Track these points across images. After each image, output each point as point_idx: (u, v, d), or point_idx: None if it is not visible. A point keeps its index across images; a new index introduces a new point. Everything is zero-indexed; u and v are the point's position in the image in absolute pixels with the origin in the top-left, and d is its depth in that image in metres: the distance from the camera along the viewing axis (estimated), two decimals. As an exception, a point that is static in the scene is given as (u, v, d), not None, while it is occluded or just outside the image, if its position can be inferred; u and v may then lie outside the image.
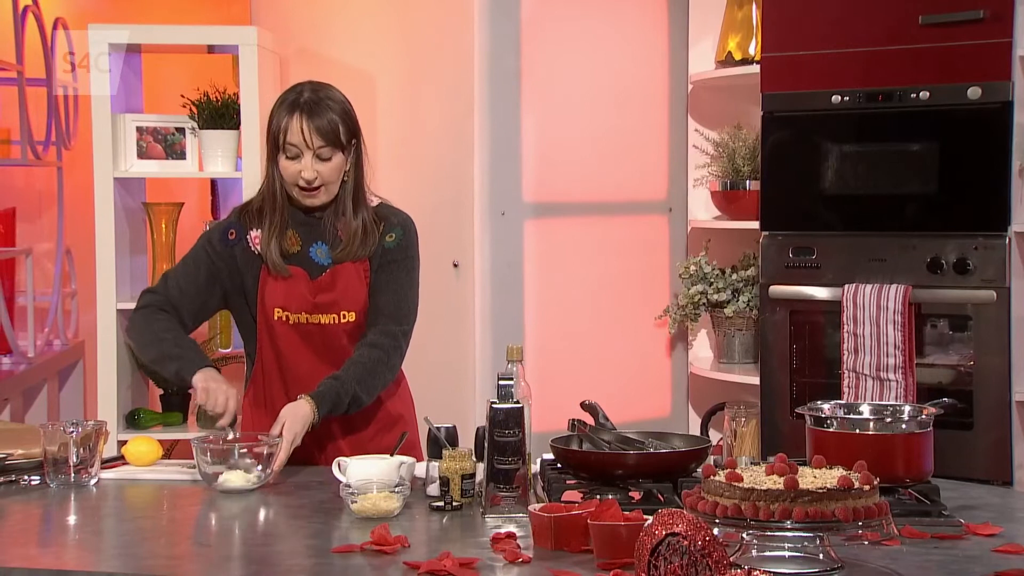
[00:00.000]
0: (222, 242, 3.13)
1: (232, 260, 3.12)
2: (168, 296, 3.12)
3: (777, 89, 4.33)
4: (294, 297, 3.09)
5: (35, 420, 4.98)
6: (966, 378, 4.06)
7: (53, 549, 2.51)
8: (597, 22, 4.70)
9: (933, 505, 2.53)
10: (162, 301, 3.12)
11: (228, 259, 3.12)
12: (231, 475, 2.78)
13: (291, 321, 3.10)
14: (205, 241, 3.16)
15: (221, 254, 3.12)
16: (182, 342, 3.08)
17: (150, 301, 3.13)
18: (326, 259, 3.11)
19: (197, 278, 3.13)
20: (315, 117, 3.02)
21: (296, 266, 3.09)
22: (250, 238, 3.11)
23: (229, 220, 3.18)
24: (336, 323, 3.11)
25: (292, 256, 3.10)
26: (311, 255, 3.11)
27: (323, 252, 3.11)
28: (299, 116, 3.02)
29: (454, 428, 2.88)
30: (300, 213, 3.13)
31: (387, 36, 4.64)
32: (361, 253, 3.11)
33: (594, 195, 4.73)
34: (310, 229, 3.12)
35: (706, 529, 1.95)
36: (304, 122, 3.01)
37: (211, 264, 3.12)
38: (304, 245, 3.11)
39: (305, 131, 3.01)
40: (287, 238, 3.10)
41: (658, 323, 4.85)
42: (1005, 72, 3.93)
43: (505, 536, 2.37)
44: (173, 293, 3.12)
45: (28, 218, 5.53)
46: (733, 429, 4.02)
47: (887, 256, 4.12)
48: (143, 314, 3.13)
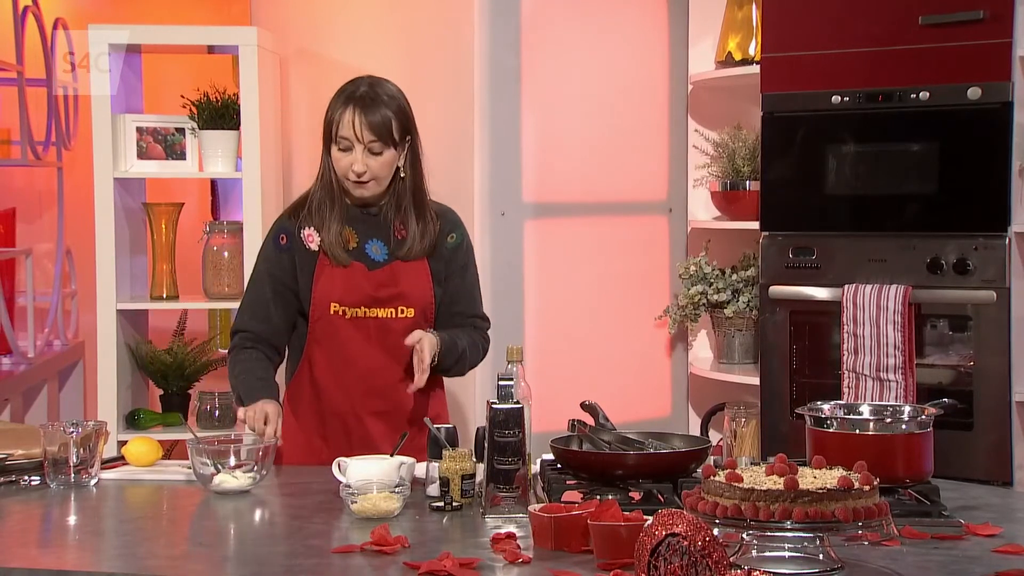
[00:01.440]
0: (276, 250, 3.16)
1: (291, 264, 3.14)
2: (247, 328, 3.15)
3: (777, 89, 4.33)
4: (352, 290, 3.11)
5: (35, 420, 4.98)
6: (966, 378, 4.06)
7: (53, 549, 2.51)
8: (597, 22, 4.70)
9: (933, 505, 2.54)
10: (244, 337, 3.15)
11: (287, 264, 3.14)
12: (226, 476, 2.78)
13: (348, 315, 3.12)
14: (262, 257, 3.19)
15: (278, 262, 3.15)
16: (247, 379, 3.10)
17: (235, 343, 3.17)
18: (382, 255, 3.14)
19: (264, 297, 3.15)
20: (368, 112, 3.07)
21: (354, 260, 3.13)
22: (304, 236, 3.14)
23: (279, 225, 3.19)
24: (393, 317, 3.14)
25: (349, 252, 3.13)
26: (367, 251, 3.15)
27: (379, 249, 3.15)
28: (352, 109, 3.07)
29: (454, 428, 2.88)
30: (356, 210, 3.17)
31: (387, 36, 4.64)
32: (420, 252, 3.16)
33: (594, 195, 4.73)
34: (366, 226, 3.16)
35: (706, 529, 1.95)
36: (357, 116, 3.06)
37: (272, 278, 3.15)
38: (360, 241, 3.14)
39: (357, 125, 3.05)
40: (345, 234, 3.14)
41: (658, 323, 4.85)
42: (1005, 72, 3.93)
43: (505, 536, 2.37)
44: (251, 324, 3.16)
45: (28, 218, 5.53)
46: (733, 429, 4.03)
47: (887, 256, 4.12)
48: (231, 360, 3.17)
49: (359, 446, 3.09)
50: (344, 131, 3.06)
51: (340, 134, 3.07)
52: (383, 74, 4.70)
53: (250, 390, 3.08)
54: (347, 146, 3.07)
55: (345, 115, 3.07)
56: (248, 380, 3.10)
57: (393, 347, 3.11)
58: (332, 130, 3.08)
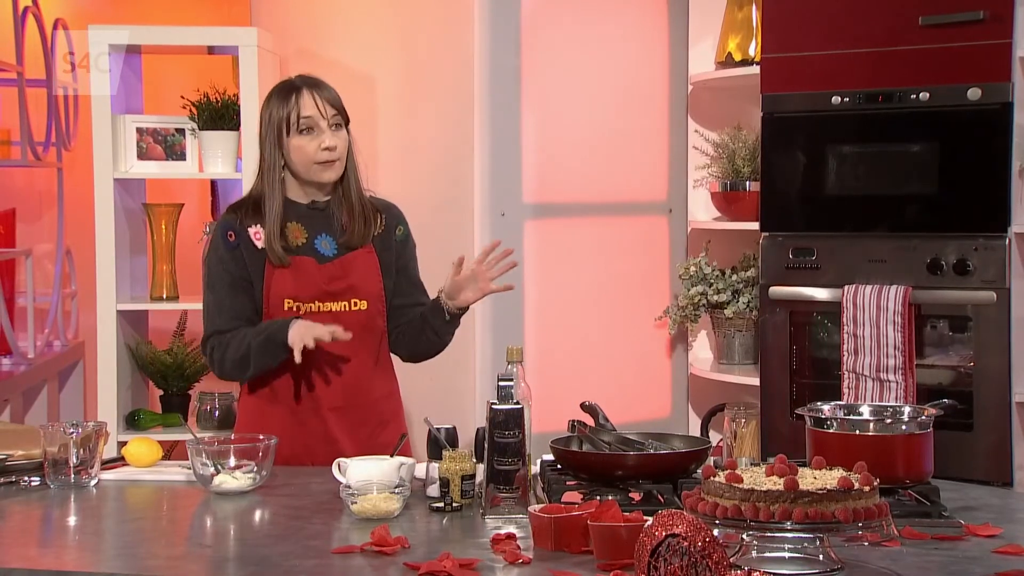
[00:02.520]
0: (227, 247, 3.13)
1: (241, 261, 3.13)
2: (221, 329, 3.12)
3: (777, 90, 4.33)
4: (305, 286, 3.11)
5: (35, 421, 4.98)
6: (966, 379, 4.06)
7: (53, 550, 2.51)
8: (597, 23, 4.70)
9: (933, 506, 2.53)
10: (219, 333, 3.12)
11: (239, 261, 3.13)
12: (226, 476, 2.78)
13: (302, 311, 3.11)
14: (214, 258, 3.16)
15: (232, 259, 3.13)
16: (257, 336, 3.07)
17: (212, 345, 3.12)
18: (331, 250, 3.15)
19: (228, 296, 3.13)
20: (322, 89, 3.14)
21: (303, 256, 3.12)
22: (251, 233, 3.13)
23: (225, 224, 3.17)
24: (347, 311, 3.15)
25: (298, 248, 3.13)
26: (316, 246, 3.15)
27: (328, 243, 3.15)
28: (308, 91, 3.11)
29: (454, 429, 2.88)
30: (302, 206, 3.17)
31: (387, 37, 4.64)
32: (364, 240, 3.18)
33: (594, 196, 4.73)
34: (314, 221, 3.16)
35: (706, 530, 1.95)
36: (315, 94, 3.11)
37: (231, 275, 3.13)
38: (309, 237, 3.15)
39: (318, 102, 3.10)
40: (291, 231, 3.13)
41: (658, 324, 4.85)
42: (1005, 73, 3.92)
43: (505, 537, 2.37)
44: (222, 324, 3.12)
45: (28, 219, 5.53)
46: (733, 430, 4.03)
47: (887, 257, 4.12)
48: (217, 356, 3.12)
49: (321, 442, 3.12)
50: (306, 111, 3.09)
51: (302, 115, 3.09)
52: (383, 74, 4.73)
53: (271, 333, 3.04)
54: (309, 126, 3.09)
55: (303, 98, 3.11)
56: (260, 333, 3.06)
57: (349, 342, 3.10)
58: (289, 118, 3.09)
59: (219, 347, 3.11)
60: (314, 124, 3.09)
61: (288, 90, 3.13)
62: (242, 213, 3.15)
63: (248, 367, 3.09)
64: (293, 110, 3.09)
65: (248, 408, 3.21)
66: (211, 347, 3.13)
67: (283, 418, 3.15)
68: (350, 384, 3.17)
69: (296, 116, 3.09)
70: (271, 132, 3.11)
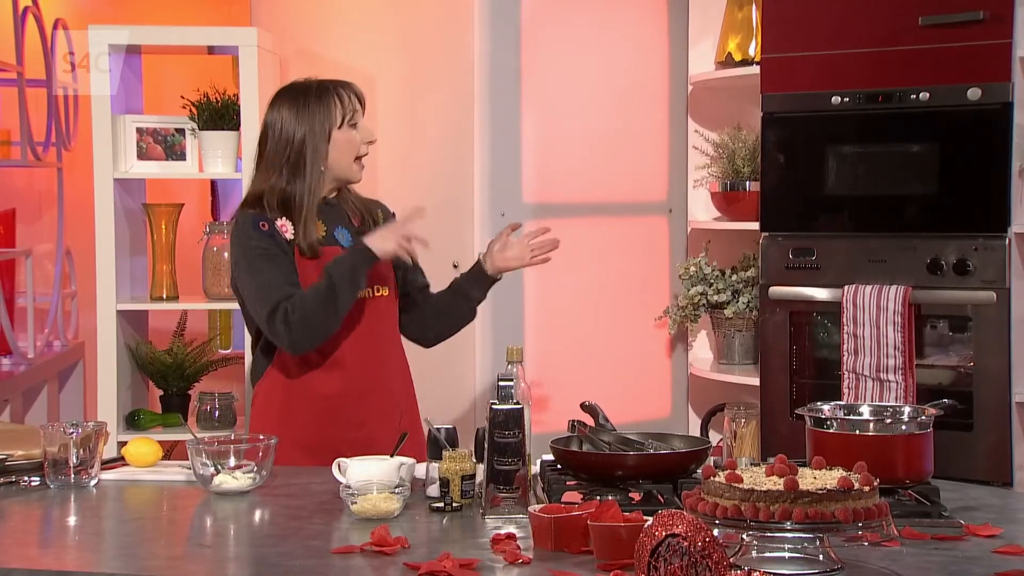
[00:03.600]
0: (261, 232, 3.14)
1: (280, 245, 3.15)
2: (283, 294, 3.07)
3: (777, 90, 4.33)
4: None
5: (35, 421, 4.99)
6: (966, 379, 4.06)
7: (53, 550, 2.51)
8: (597, 23, 4.70)
9: (933, 506, 2.53)
10: (285, 299, 3.07)
11: (277, 244, 3.15)
12: (226, 476, 2.78)
13: None
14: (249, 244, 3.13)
15: (268, 240, 3.14)
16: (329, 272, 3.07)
17: (285, 308, 3.06)
18: (347, 241, 3.22)
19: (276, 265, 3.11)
20: (356, 88, 3.26)
21: (327, 246, 3.19)
22: (278, 225, 3.16)
23: (253, 216, 3.17)
24: (372, 297, 3.22)
25: (321, 241, 3.20)
26: (336, 238, 3.22)
27: (344, 235, 3.24)
28: (344, 87, 3.23)
29: (454, 429, 2.88)
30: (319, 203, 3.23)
31: (387, 37, 4.64)
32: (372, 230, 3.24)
33: (594, 196, 4.73)
34: (329, 216, 3.24)
35: (706, 530, 1.95)
36: (352, 90, 3.24)
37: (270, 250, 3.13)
38: (328, 230, 3.22)
39: (358, 97, 3.24)
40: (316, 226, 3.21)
41: (658, 324, 4.85)
42: (1005, 73, 3.92)
43: (505, 537, 2.37)
44: (279, 291, 3.07)
45: (28, 219, 5.53)
46: (733, 430, 4.03)
47: (887, 257, 4.12)
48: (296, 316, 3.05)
49: (349, 428, 3.15)
50: (355, 105, 3.22)
51: (355, 108, 3.21)
52: (383, 74, 4.73)
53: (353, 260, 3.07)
54: (355, 122, 3.21)
55: (351, 93, 3.22)
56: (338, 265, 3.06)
57: (372, 327, 3.18)
58: (344, 112, 3.19)
59: (293, 308, 3.05)
60: (359, 119, 3.23)
61: (327, 89, 3.21)
62: (266, 207, 3.17)
63: (335, 309, 3.04)
64: (348, 106, 3.20)
65: (269, 397, 3.22)
66: (282, 313, 3.05)
67: (308, 405, 3.18)
68: (375, 370, 3.23)
69: (352, 110, 3.20)
70: (316, 131, 3.16)
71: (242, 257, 3.15)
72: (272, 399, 3.22)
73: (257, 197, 3.21)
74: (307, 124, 3.17)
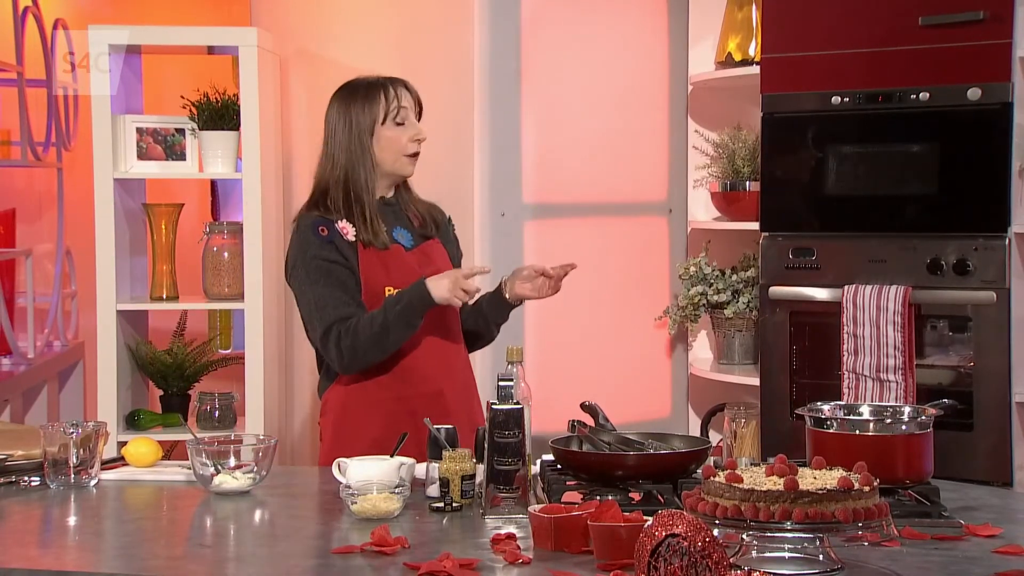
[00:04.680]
0: (321, 240, 3.17)
1: (340, 251, 3.17)
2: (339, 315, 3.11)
3: (777, 90, 4.33)
4: (399, 272, 3.19)
5: (35, 421, 4.99)
6: (966, 379, 4.06)
7: (53, 550, 2.51)
8: (597, 23, 4.70)
9: (933, 506, 2.53)
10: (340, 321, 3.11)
11: (337, 252, 3.17)
12: (226, 477, 2.78)
13: None
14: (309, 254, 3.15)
15: (332, 248, 3.16)
16: (388, 305, 3.11)
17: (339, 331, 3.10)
18: (408, 241, 3.27)
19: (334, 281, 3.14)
20: (410, 85, 3.31)
21: (394, 244, 3.23)
22: (339, 228, 3.18)
23: (313, 221, 3.19)
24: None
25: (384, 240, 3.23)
26: (396, 238, 3.26)
27: (404, 236, 3.28)
28: (400, 84, 3.28)
29: (454, 429, 2.88)
30: (377, 203, 3.27)
31: (387, 37, 4.64)
32: (433, 232, 3.34)
33: (594, 196, 4.73)
34: (388, 216, 3.28)
35: (706, 530, 1.95)
36: (406, 88, 3.28)
37: (334, 263, 3.15)
38: (388, 230, 3.25)
39: (412, 94, 3.28)
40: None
41: (658, 324, 4.85)
42: (1005, 73, 3.92)
43: (505, 537, 2.37)
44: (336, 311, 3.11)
45: (28, 219, 5.54)
46: (733, 430, 4.03)
47: (887, 257, 4.12)
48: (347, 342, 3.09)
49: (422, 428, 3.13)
50: (405, 102, 3.25)
51: (402, 105, 3.24)
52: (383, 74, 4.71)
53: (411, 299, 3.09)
54: (403, 119, 3.24)
55: (399, 89, 3.27)
56: (396, 303, 3.09)
57: (439, 323, 3.23)
58: (387, 109, 3.23)
59: (347, 333, 3.10)
60: (406, 117, 3.25)
61: (378, 86, 3.26)
62: (324, 210, 3.20)
63: (386, 343, 3.10)
64: (392, 101, 3.23)
65: (346, 400, 3.22)
66: (335, 336, 3.10)
67: (382, 406, 3.19)
68: (447, 369, 3.26)
69: (396, 107, 3.23)
70: (360, 127, 3.21)
71: (300, 264, 3.17)
72: (345, 394, 3.22)
73: (322, 195, 3.24)
74: (353, 120, 3.23)
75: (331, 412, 3.26)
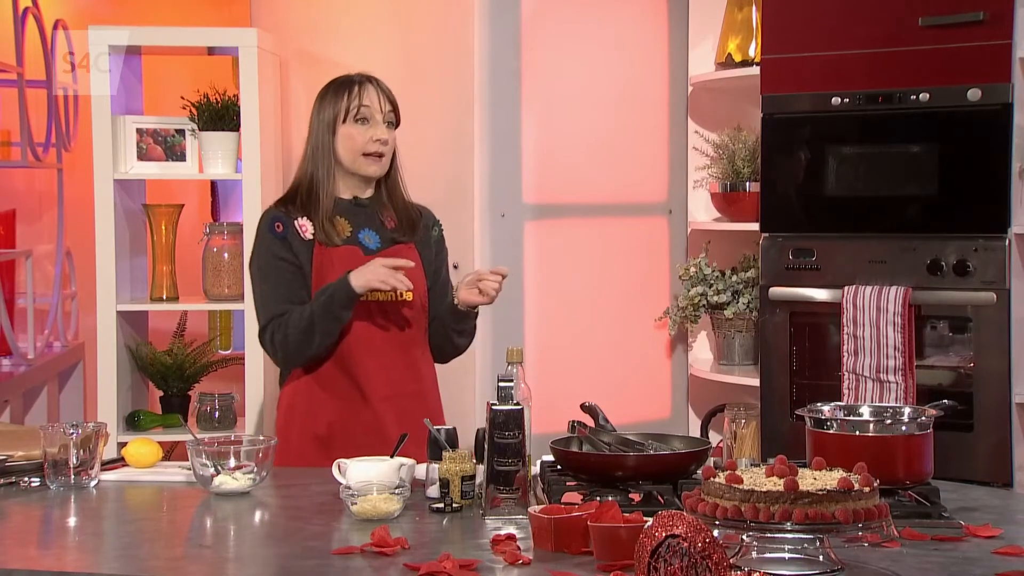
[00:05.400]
0: (275, 236, 3.18)
1: (290, 249, 3.18)
2: (276, 311, 3.15)
3: (777, 91, 4.33)
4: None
5: (35, 422, 4.99)
6: (966, 380, 4.06)
7: (53, 551, 2.51)
8: (597, 23, 4.70)
9: (933, 507, 2.53)
10: (276, 317, 3.15)
11: (288, 249, 3.18)
12: (226, 477, 2.78)
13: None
14: (262, 248, 3.20)
15: (280, 247, 3.18)
16: (314, 300, 3.12)
17: (272, 328, 3.15)
18: (375, 243, 3.24)
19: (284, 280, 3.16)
20: (383, 86, 3.27)
21: (350, 246, 3.20)
22: (298, 226, 3.19)
23: (271, 216, 3.22)
24: (394, 300, 3.22)
25: (344, 240, 3.21)
26: (361, 239, 3.23)
27: (372, 238, 3.24)
28: (371, 84, 3.25)
29: (454, 430, 2.88)
30: (346, 202, 3.26)
31: (387, 37, 4.64)
32: (407, 236, 3.28)
33: (594, 197, 4.73)
34: (358, 217, 3.25)
35: (706, 531, 1.95)
36: (376, 88, 3.25)
37: (284, 260, 3.17)
38: (353, 231, 3.23)
39: (380, 96, 3.24)
40: (337, 224, 3.22)
41: (658, 325, 4.85)
42: (1005, 74, 3.93)
43: (505, 538, 2.37)
44: (275, 306, 3.15)
45: (28, 220, 5.53)
46: (733, 431, 4.03)
47: (887, 258, 4.12)
48: (279, 337, 3.13)
49: (371, 432, 3.16)
50: (368, 100, 3.23)
51: (362, 104, 3.22)
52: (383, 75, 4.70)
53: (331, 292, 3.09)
54: (365, 117, 3.22)
55: (366, 88, 3.24)
56: (319, 297, 3.11)
57: (394, 330, 3.20)
58: (348, 106, 3.21)
59: (279, 328, 3.14)
60: (370, 115, 3.22)
61: (347, 83, 3.25)
62: (288, 207, 3.22)
63: (313, 336, 3.12)
64: (354, 99, 3.21)
65: (294, 399, 3.23)
66: (271, 332, 3.15)
67: (332, 408, 3.20)
68: (398, 374, 3.24)
69: (356, 105, 3.21)
70: (324, 123, 3.22)
71: (254, 260, 3.23)
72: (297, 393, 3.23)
73: (292, 191, 3.26)
74: (319, 116, 3.24)
75: (280, 410, 3.29)
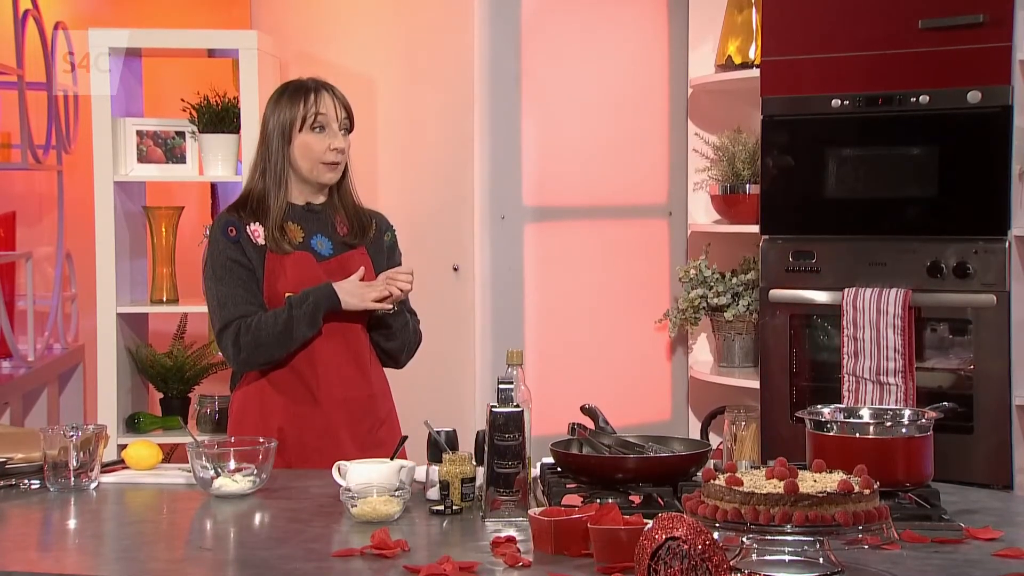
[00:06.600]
0: (229, 240, 3.17)
1: (245, 254, 3.17)
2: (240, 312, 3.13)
3: (777, 93, 4.33)
4: (305, 280, 3.16)
5: (35, 424, 4.99)
6: (966, 382, 4.06)
7: (53, 553, 2.51)
8: (597, 26, 4.70)
9: (933, 509, 2.53)
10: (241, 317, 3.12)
11: (241, 253, 3.17)
12: (226, 480, 2.78)
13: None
14: (216, 251, 3.18)
15: (235, 250, 3.17)
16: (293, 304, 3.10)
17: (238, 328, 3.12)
18: (327, 249, 3.21)
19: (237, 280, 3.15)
20: (337, 92, 3.23)
21: (302, 251, 3.18)
22: (250, 231, 3.18)
23: (224, 221, 3.21)
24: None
25: (296, 246, 3.19)
26: (313, 245, 3.21)
27: (324, 243, 3.22)
28: (326, 91, 3.21)
29: (454, 432, 2.88)
30: (299, 208, 3.23)
31: (387, 39, 4.64)
32: (359, 241, 3.25)
33: (594, 199, 4.73)
34: (310, 223, 3.23)
35: (706, 533, 1.95)
36: (331, 96, 3.21)
37: (238, 264, 3.16)
38: (306, 236, 3.21)
39: (335, 103, 3.20)
40: (289, 230, 3.20)
41: (658, 327, 4.85)
42: (1005, 76, 3.93)
43: (505, 540, 2.37)
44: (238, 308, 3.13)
45: (28, 222, 5.53)
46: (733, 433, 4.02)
47: (887, 260, 4.12)
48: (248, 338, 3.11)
49: (320, 436, 3.16)
50: (324, 109, 3.19)
51: (319, 112, 3.18)
52: (383, 77, 4.73)
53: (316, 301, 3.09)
54: (323, 125, 3.18)
55: (322, 96, 3.20)
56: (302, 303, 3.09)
57: (346, 335, 3.18)
58: (304, 114, 3.17)
59: (246, 331, 3.11)
60: (327, 123, 3.19)
61: (302, 89, 3.21)
62: (241, 212, 3.20)
63: (289, 341, 3.11)
64: (311, 108, 3.17)
65: (245, 403, 3.23)
66: (235, 332, 3.12)
67: (283, 412, 3.18)
68: (349, 379, 3.21)
69: (313, 113, 3.17)
70: (279, 129, 3.19)
71: (209, 262, 3.20)
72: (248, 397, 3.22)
73: (245, 196, 3.24)
74: (273, 122, 3.21)
75: (232, 414, 3.28)
